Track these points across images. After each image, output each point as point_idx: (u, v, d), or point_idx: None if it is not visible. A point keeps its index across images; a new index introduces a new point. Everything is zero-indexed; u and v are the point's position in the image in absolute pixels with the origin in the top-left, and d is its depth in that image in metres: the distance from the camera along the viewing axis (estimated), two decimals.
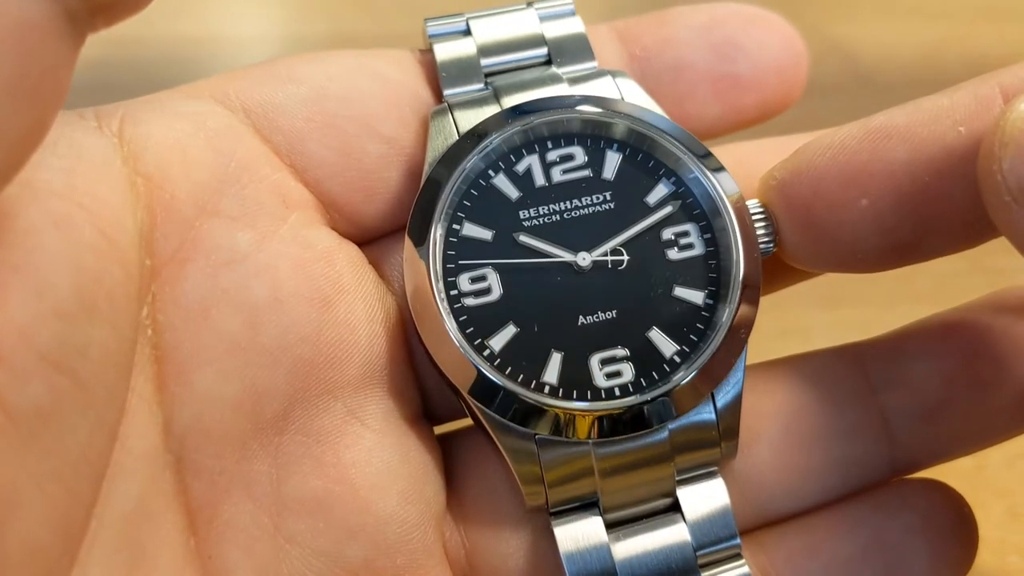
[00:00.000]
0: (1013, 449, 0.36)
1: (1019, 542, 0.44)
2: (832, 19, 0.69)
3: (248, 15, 0.69)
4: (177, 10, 0.64)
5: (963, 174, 0.30)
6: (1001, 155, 0.27)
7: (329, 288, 0.32)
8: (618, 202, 0.34)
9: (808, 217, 0.32)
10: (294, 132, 0.34)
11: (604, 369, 0.33)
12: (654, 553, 0.33)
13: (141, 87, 0.36)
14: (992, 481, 0.39)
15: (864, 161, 0.31)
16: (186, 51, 0.63)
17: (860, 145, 0.32)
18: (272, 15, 0.70)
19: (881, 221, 0.31)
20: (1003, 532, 0.35)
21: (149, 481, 0.30)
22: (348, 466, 0.32)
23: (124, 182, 0.30)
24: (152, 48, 0.61)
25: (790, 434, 0.35)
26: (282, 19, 0.70)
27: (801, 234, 0.33)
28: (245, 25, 0.69)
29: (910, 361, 0.35)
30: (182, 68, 0.62)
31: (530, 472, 0.32)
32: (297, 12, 0.71)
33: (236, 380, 0.31)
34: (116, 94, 0.34)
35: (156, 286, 0.30)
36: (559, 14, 0.38)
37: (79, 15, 0.23)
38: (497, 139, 0.34)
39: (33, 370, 0.25)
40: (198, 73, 0.36)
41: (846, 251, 0.32)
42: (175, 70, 0.62)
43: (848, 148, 0.32)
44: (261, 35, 0.69)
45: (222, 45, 0.66)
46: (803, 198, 0.32)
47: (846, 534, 0.34)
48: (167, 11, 0.67)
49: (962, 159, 0.30)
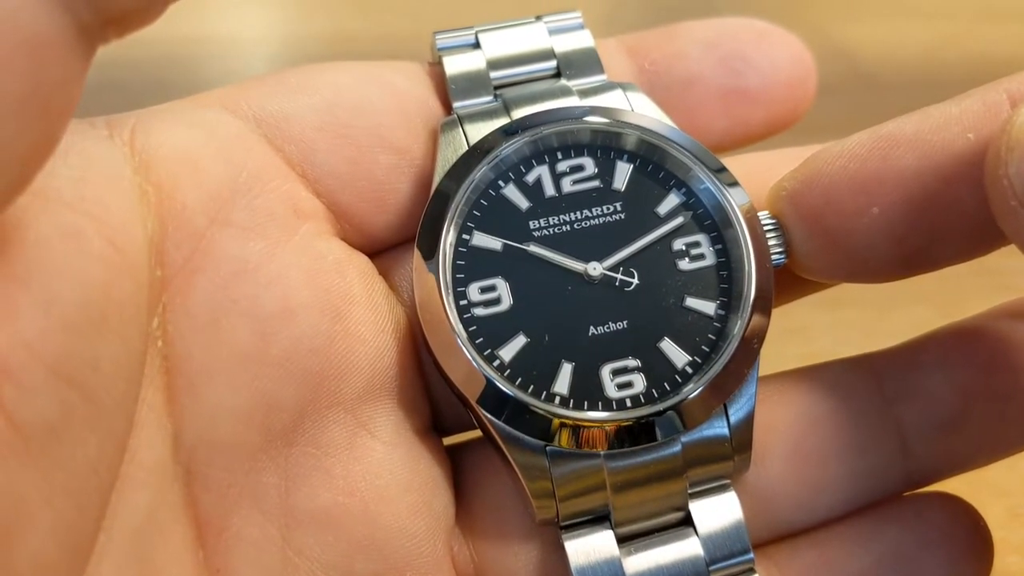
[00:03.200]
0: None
1: (1019, 542, 0.44)
2: (833, 19, 0.69)
3: (248, 15, 0.69)
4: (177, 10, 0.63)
5: (973, 180, 0.30)
6: (1007, 159, 0.27)
7: (340, 299, 0.32)
8: (629, 212, 0.34)
9: (819, 226, 0.32)
10: (305, 142, 0.33)
11: (615, 380, 0.32)
12: (666, 568, 0.33)
13: (143, 86, 0.35)
14: (992, 481, 0.39)
15: (874, 169, 0.31)
16: (186, 51, 0.63)
17: (870, 153, 0.31)
18: (272, 15, 0.70)
19: (892, 229, 0.31)
20: (1003, 532, 0.35)
21: (158, 494, 0.30)
22: (357, 479, 0.32)
23: (134, 192, 0.30)
24: (152, 48, 0.60)
25: (804, 447, 0.35)
26: (282, 19, 0.70)
27: (812, 244, 0.33)
28: (245, 25, 0.68)
29: (925, 372, 0.35)
30: (183, 68, 0.62)
31: (540, 485, 0.32)
32: (297, 12, 0.71)
33: (246, 392, 0.31)
34: (118, 93, 0.34)
35: (167, 297, 0.30)
36: (568, 28, 0.38)
37: (91, 28, 0.23)
38: (507, 150, 0.34)
39: (42, 385, 0.25)
40: (199, 73, 0.36)
41: (858, 260, 0.32)
42: (176, 70, 0.61)
43: (858, 156, 0.32)
44: (261, 35, 0.68)
45: (222, 45, 0.65)
46: (814, 207, 0.32)
47: (860, 548, 0.34)
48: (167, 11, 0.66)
49: (971, 165, 0.30)
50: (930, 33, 0.68)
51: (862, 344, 0.37)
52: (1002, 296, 0.37)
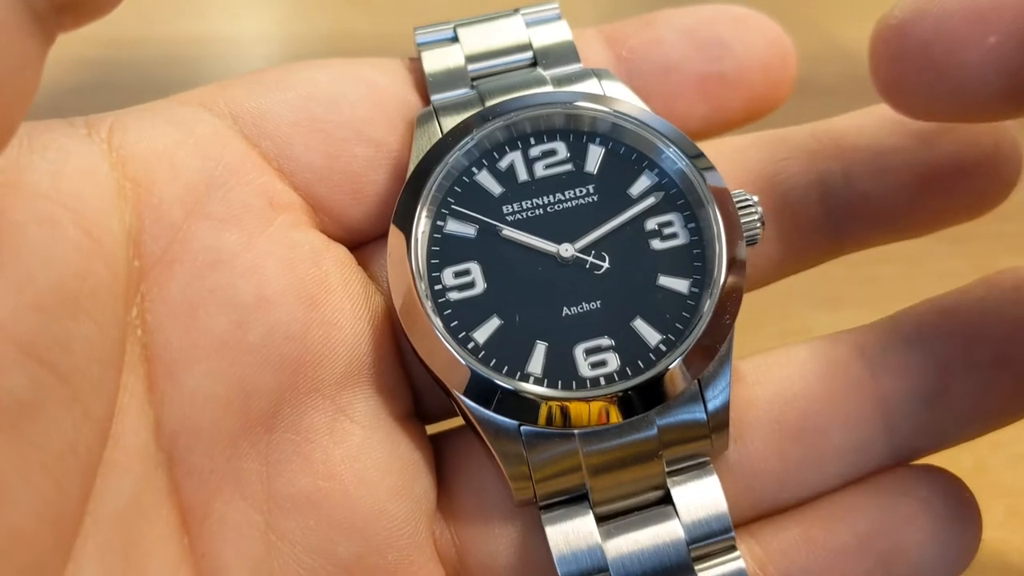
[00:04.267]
0: (1014, 449, 0.36)
1: (1019, 542, 0.43)
2: (832, 18, 0.68)
3: (248, 15, 0.70)
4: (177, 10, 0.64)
5: None
6: None
7: (315, 287, 0.33)
8: (601, 194, 0.34)
9: (926, 59, 0.30)
10: (281, 137, 0.34)
11: (589, 359, 0.33)
12: (647, 549, 0.33)
13: (141, 87, 0.36)
14: (992, 481, 0.39)
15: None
16: (186, 51, 0.64)
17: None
18: (271, 15, 0.71)
19: (1008, 62, 0.29)
20: (1003, 532, 0.35)
21: (142, 479, 0.30)
22: (337, 463, 0.32)
23: (111, 186, 0.31)
24: (152, 48, 0.61)
25: (785, 423, 0.34)
26: (281, 18, 0.71)
27: (919, 77, 0.31)
28: (245, 25, 0.69)
29: (907, 346, 0.35)
30: (182, 68, 0.63)
31: (516, 465, 0.32)
32: (296, 11, 0.72)
33: (225, 379, 0.31)
34: (116, 94, 0.35)
35: (145, 287, 0.31)
36: (545, 19, 0.38)
37: (45, 14, 0.23)
38: (479, 135, 0.35)
39: (11, 361, 0.26)
40: (198, 73, 0.36)
41: (965, 96, 0.30)
42: (175, 70, 0.62)
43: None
44: (261, 35, 0.69)
45: (222, 45, 0.66)
46: (923, 38, 0.30)
47: (843, 524, 0.34)
48: (167, 11, 0.67)
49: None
50: None
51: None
52: None
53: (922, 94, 0.31)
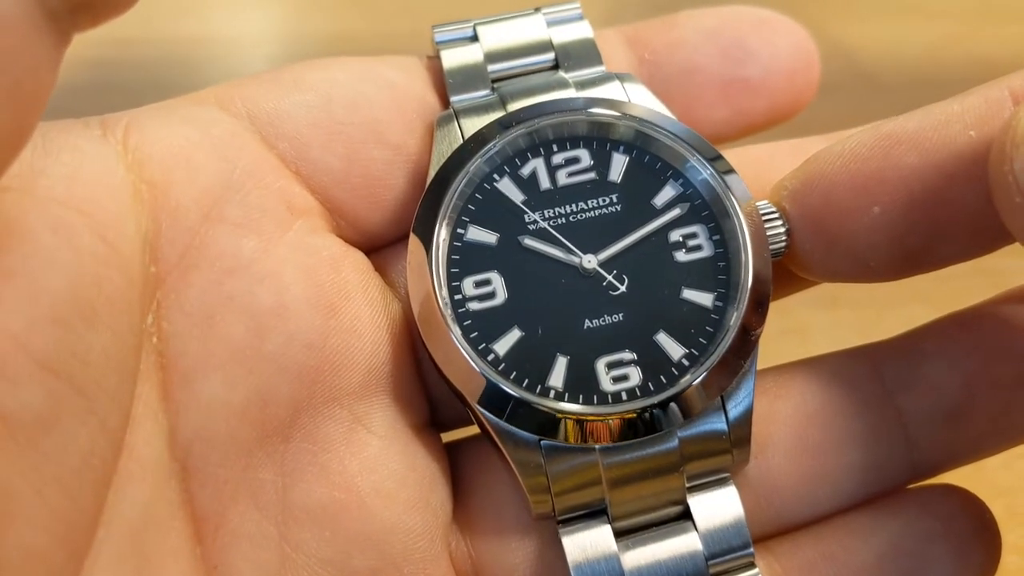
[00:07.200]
0: (1013, 449, 0.36)
1: (1018, 542, 0.43)
2: (833, 19, 0.68)
3: (248, 15, 0.69)
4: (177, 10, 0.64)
5: (975, 178, 0.29)
6: (1012, 156, 0.27)
7: (335, 294, 0.32)
8: (625, 204, 0.34)
9: (820, 226, 0.32)
10: (299, 139, 0.33)
11: (611, 373, 0.32)
12: (665, 563, 0.32)
13: (142, 87, 0.35)
14: (991, 481, 0.39)
15: (875, 168, 0.31)
16: (187, 51, 0.63)
17: (871, 152, 0.31)
18: (272, 14, 0.70)
19: (894, 228, 0.31)
20: (1002, 532, 0.35)
21: (155, 489, 0.30)
22: (354, 474, 0.32)
23: (127, 189, 0.30)
24: (153, 48, 0.60)
25: (805, 439, 0.34)
26: (282, 18, 0.70)
27: (813, 244, 0.32)
28: (245, 25, 0.69)
29: (928, 362, 0.34)
30: (183, 68, 0.62)
31: (536, 480, 0.32)
32: (297, 11, 0.71)
33: (242, 387, 0.31)
34: (118, 94, 0.34)
35: (161, 293, 0.30)
36: (567, 19, 0.38)
37: (60, 14, 0.23)
38: (501, 142, 0.34)
39: (29, 376, 0.25)
40: (199, 73, 0.36)
41: (858, 260, 0.32)
42: (176, 70, 0.62)
43: (859, 156, 0.31)
44: (261, 34, 0.68)
45: (222, 45, 0.66)
46: (815, 207, 0.32)
47: (862, 542, 0.34)
48: (167, 11, 0.66)
49: (973, 163, 0.29)
50: (931, 33, 0.68)
51: (860, 344, 0.37)
52: None
53: (820, 259, 0.33)
